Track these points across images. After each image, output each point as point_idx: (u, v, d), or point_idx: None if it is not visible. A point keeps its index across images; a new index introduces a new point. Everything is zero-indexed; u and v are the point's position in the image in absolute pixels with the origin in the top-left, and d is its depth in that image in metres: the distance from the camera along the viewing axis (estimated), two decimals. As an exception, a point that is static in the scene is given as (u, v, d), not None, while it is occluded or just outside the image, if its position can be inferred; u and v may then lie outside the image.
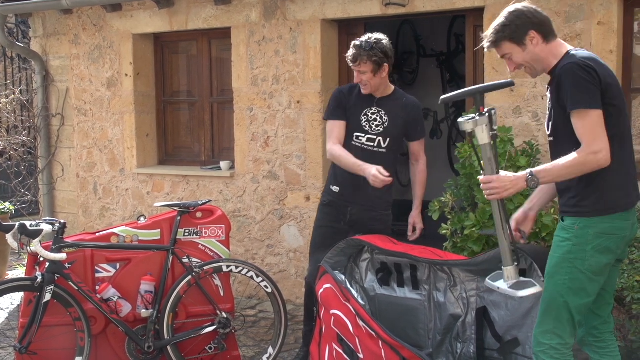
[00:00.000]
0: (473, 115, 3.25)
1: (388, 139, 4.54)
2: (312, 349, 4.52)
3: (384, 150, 4.55)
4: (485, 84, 3.36)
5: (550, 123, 3.29)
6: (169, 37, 7.11)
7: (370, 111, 4.54)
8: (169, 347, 4.54)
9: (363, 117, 4.53)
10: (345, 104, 4.55)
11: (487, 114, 3.21)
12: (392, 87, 4.66)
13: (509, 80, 3.64)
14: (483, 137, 3.21)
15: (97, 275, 4.56)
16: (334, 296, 4.30)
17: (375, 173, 4.18)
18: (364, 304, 4.23)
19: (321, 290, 4.39)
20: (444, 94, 9.44)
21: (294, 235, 6.33)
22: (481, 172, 3.28)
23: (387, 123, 4.52)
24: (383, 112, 4.54)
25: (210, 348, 4.66)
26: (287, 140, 6.26)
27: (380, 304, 4.48)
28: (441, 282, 4.27)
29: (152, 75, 7.25)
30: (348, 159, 4.40)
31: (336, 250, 4.46)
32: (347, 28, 6.20)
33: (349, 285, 4.31)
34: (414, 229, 4.80)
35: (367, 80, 4.45)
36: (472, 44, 5.64)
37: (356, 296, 4.21)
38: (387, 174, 4.23)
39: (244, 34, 6.39)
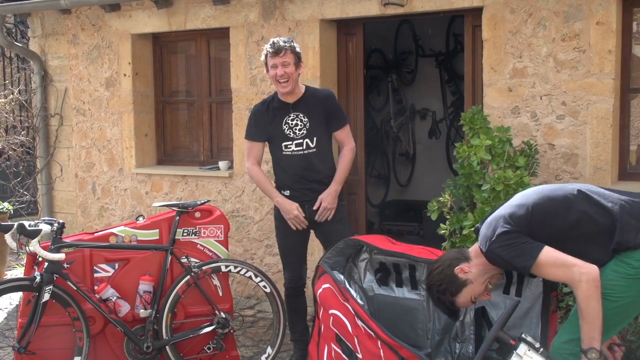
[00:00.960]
0: (513, 352, 3.15)
1: (315, 138, 4.63)
2: (310, 348, 4.52)
3: (315, 150, 4.65)
4: (499, 319, 3.29)
5: None
6: (168, 37, 7.10)
7: (289, 118, 4.63)
8: (167, 347, 4.54)
9: (285, 126, 4.63)
10: (263, 123, 4.68)
11: (521, 342, 3.12)
12: (303, 86, 4.72)
13: (516, 299, 3.55)
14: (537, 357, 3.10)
15: (95, 275, 4.56)
16: (332, 296, 4.30)
17: (296, 214, 4.58)
18: (362, 304, 4.22)
19: (320, 290, 4.38)
20: (443, 94, 9.46)
21: (292, 235, 6.31)
22: None
23: (308, 124, 4.62)
24: (301, 115, 4.62)
25: (209, 348, 4.66)
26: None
27: (379, 303, 4.48)
28: (440, 282, 4.26)
29: (150, 75, 7.24)
30: (266, 186, 4.74)
31: (335, 251, 4.46)
32: (345, 28, 6.20)
33: (347, 285, 4.30)
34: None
35: (289, 74, 4.51)
36: (471, 44, 5.64)
37: (355, 296, 4.21)
38: (303, 214, 4.60)
39: (243, 34, 6.39)
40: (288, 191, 4.71)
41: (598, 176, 5.02)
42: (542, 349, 3.05)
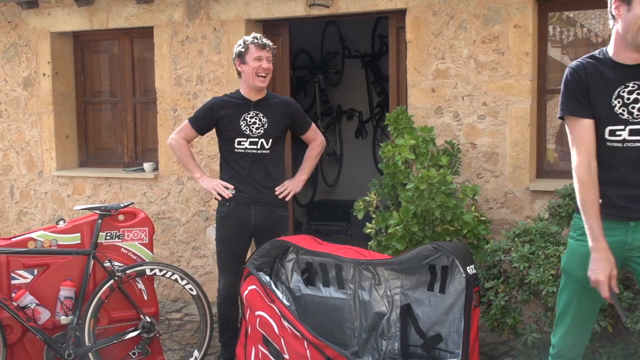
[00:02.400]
0: None
1: (270, 140, 4.59)
2: (237, 351, 4.49)
3: (268, 152, 4.60)
4: None
5: None
6: (89, 35, 6.94)
7: (249, 115, 4.57)
8: (90, 354, 4.43)
9: (242, 122, 4.55)
10: (213, 118, 4.61)
11: None
12: (265, 89, 4.69)
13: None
14: None
15: (13, 282, 4.40)
16: (258, 297, 4.29)
17: (216, 182, 4.57)
18: (288, 304, 4.23)
19: (246, 292, 4.37)
20: (369, 94, 9.58)
21: (219, 237, 6.27)
22: None
23: (266, 124, 4.57)
24: (261, 115, 4.58)
25: (134, 353, 4.58)
26: (211, 140, 6.19)
27: (306, 303, 4.50)
28: (366, 281, 4.31)
29: (71, 75, 7.06)
30: (189, 159, 4.69)
31: (261, 252, 4.45)
32: (271, 28, 6.19)
33: (273, 287, 4.30)
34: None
35: (270, 70, 4.55)
36: (395, 45, 5.72)
37: (281, 297, 4.21)
38: (231, 187, 4.55)
39: (167, 33, 6.30)
40: (234, 190, 4.60)
41: (517, 174, 5.17)
42: None
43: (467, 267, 3.83)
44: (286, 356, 4.09)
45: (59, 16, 6.77)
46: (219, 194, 4.60)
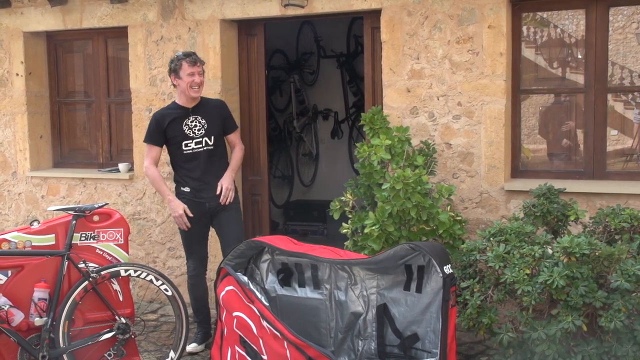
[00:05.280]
0: None
1: (212, 137, 5.15)
2: (213, 352, 4.48)
3: (212, 147, 5.15)
4: None
5: None
6: (63, 35, 6.87)
7: (189, 120, 5.12)
8: (65, 356, 4.39)
9: (185, 127, 5.10)
10: (162, 128, 5.11)
11: None
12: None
13: None
14: None
15: (-14, 284, 4.35)
16: (236, 298, 4.28)
17: (181, 213, 5.04)
18: (267, 304, 4.22)
19: (223, 293, 4.35)
20: (344, 94, 9.63)
21: (195, 238, 6.24)
22: None
23: (206, 125, 5.14)
24: (200, 117, 5.14)
25: (110, 355, 4.54)
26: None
27: (282, 304, 4.49)
28: (342, 281, 4.32)
29: (45, 75, 6.99)
30: (160, 185, 5.19)
31: (236, 252, 4.44)
32: (246, 28, 6.17)
33: (252, 287, 4.29)
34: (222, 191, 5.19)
35: (201, 82, 5.10)
36: (370, 45, 5.73)
37: (260, 297, 4.21)
38: (189, 215, 5.07)
39: (142, 33, 6.26)
40: (188, 188, 5.14)
41: (492, 174, 5.21)
42: None
43: (444, 267, 3.85)
44: (264, 357, 4.09)
45: (32, 16, 6.69)
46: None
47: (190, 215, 5.07)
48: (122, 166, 6.54)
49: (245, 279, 4.36)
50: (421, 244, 4.04)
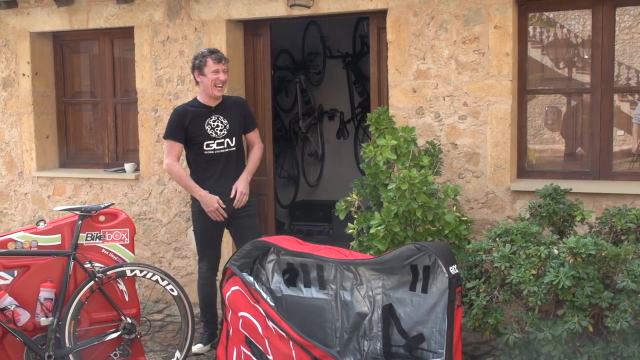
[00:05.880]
0: None
1: (234, 138, 5.09)
2: (218, 352, 4.48)
3: (234, 148, 5.09)
4: None
5: None
6: (69, 35, 6.89)
7: (211, 119, 5.03)
8: (70, 356, 4.40)
9: (207, 127, 5.02)
10: (184, 125, 5.01)
11: None
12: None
13: None
14: None
15: (-8, 283, 4.37)
16: (242, 298, 4.28)
17: (217, 207, 4.95)
18: (273, 305, 4.22)
19: (228, 293, 4.36)
20: (350, 95, 9.62)
21: (201, 238, 6.25)
22: None
23: (228, 125, 5.06)
24: (222, 117, 5.06)
25: (115, 355, 4.55)
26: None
27: (288, 304, 4.49)
28: (347, 281, 4.31)
29: (51, 75, 7.01)
30: (188, 181, 5.05)
31: (241, 253, 4.44)
32: (252, 29, 6.18)
33: (257, 287, 4.29)
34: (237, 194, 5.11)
35: (225, 81, 5.01)
36: (376, 46, 5.73)
37: (266, 297, 4.21)
38: (223, 206, 4.97)
39: (148, 33, 6.27)
40: (206, 190, 5.01)
41: (498, 174, 5.20)
42: None
43: (450, 267, 3.85)
44: (270, 357, 4.09)
45: (39, 16, 6.71)
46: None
47: (224, 205, 4.99)
48: (128, 166, 6.55)
49: (251, 279, 4.36)
50: (427, 244, 4.03)
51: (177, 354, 4.70)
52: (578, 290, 3.89)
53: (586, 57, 5.31)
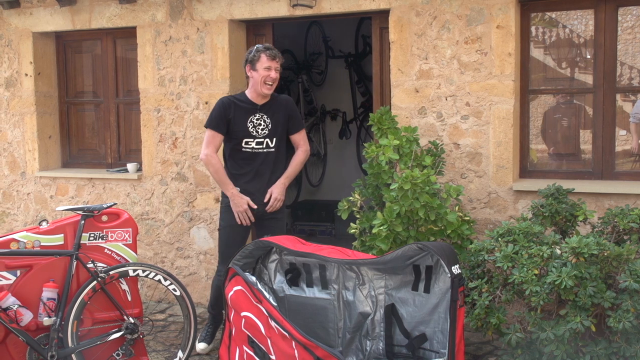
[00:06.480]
0: None
1: (275, 139, 4.95)
2: (221, 352, 4.48)
3: (273, 150, 4.96)
4: None
5: None
6: (72, 35, 6.90)
7: (255, 117, 4.89)
8: (73, 356, 4.40)
9: (249, 124, 4.88)
10: (227, 117, 4.86)
11: None
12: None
13: None
14: None
15: (-5, 283, 4.37)
16: (244, 298, 4.28)
17: (246, 208, 4.85)
18: (275, 304, 4.22)
19: (231, 293, 4.36)
20: (352, 95, 9.61)
21: (203, 237, 6.26)
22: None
23: (270, 125, 4.92)
24: (265, 116, 4.91)
25: (118, 354, 4.55)
26: (195, 141, 6.18)
27: (290, 304, 4.49)
28: (350, 281, 4.31)
29: (54, 75, 7.02)
30: (223, 176, 4.90)
31: (244, 252, 4.44)
32: (254, 29, 6.18)
33: (260, 286, 4.29)
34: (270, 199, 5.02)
35: (276, 79, 4.84)
36: (379, 46, 5.73)
37: (268, 297, 4.21)
38: (254, 206, 4.88)
39: (150, 33, 6.28)
40: (238, 188, 4.92)
41: (500, 174, 5.20)
42: None
43: (452, 267, 3.85)
44: (273, 357, 4.09)
45: (41, 16, 6.72)
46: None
47: (254, 206, 4.90)
48: (130, 166, 6.56)
49: (254, 279, 4.36)
50: (429, 244, 4.03)
51: (180, 353, 4.70)
52: (580, 290, 3.89)
53: (589, 57, 5.30)
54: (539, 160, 5.49)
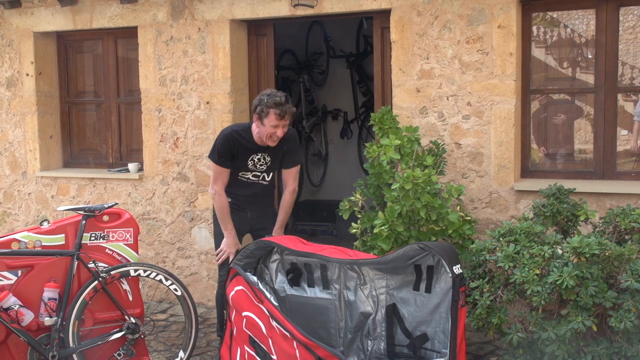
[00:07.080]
0: None
1: (271, 174, 4.95)
2: (222, 352, 4.48)
3: (267, 183, 4.96)
4: None
5: None
6: (73, 35, 6.90)
7: (257, 157, 4.83)
8: (74, 356, 4.40)
9: (250, 162, 4.83)
10: (232, 152, 4.78)
11: None
12: None
13: None
14: None
15: (-4, 283, 4.37)
16: (246, 298, 4.28)
17: (231, 252, 4.78)
18: (277, 304, 4.22)
19: (232, 293, 4.36)
20: (354, 94, 9.60)
21: (205, 237, 6.26)
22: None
23: (269, 162, 4.88)
24: (267, 155, 4.84)
25: (119, 354, 4.55)
26: (196, 141, 6.19)
27: (291, 304, 4.49)
28: (351, 280, 4.31)
29: (55, 75, 7.02)
30: (226, 215, 4.83)
31: (245, 252, 4.44)
32: (256, 28, 6.18)
33: (261, 286, 4.29)
34: None
35: (283, 134, 4.66)
36: (380, 45, 5.73)
37: (269, 297, 4.20)
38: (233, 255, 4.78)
39: (151, 33, 6.28)
40: (231, 199, 4.88)
41: (502, 174, 5.20)
42: None
43: (454, 267, 3.84)
44: (274, 357, 4.09)
45: (42, 16, 6.72)
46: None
47: (238, 248, 4.84)
48: (131, 166, 6.56)
49: (255, 278, 4.36)
50: (430, 244, 4.03)
51: (181, 353, 4.70)
52: (582, 290, 3.88)
53: (590, 56, 5.30)
54: (540, 160, 5.48)
